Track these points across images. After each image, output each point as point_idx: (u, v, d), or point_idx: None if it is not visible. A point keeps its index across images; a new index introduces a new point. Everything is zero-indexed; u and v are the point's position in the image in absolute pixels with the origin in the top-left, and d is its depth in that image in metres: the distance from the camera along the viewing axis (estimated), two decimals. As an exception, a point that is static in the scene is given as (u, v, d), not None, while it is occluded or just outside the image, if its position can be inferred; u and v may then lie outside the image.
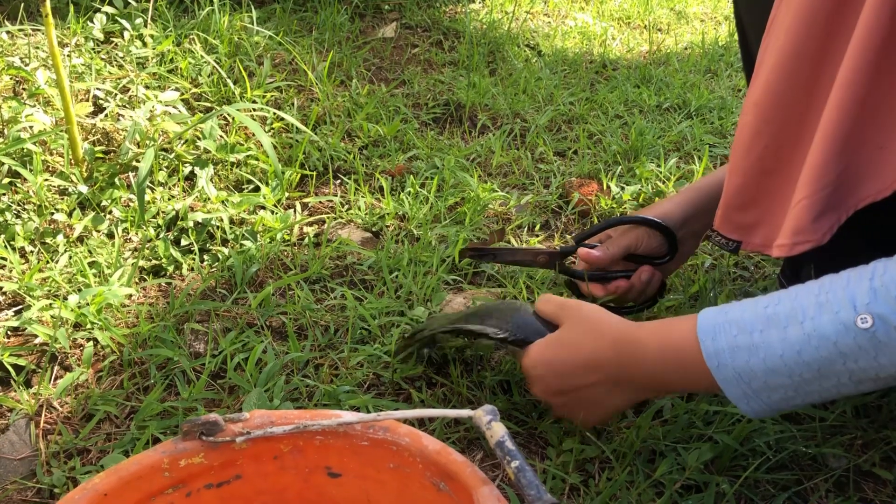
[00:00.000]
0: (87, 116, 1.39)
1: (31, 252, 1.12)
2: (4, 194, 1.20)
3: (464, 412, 0.59)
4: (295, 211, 1.28)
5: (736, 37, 2.20)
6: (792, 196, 0.69)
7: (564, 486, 0.81)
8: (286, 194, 1.32)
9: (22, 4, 1.78)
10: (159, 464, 0.58)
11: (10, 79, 1.45)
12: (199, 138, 1.37)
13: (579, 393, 0.76)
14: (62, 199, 1.23)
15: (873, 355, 0.59)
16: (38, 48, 1.57)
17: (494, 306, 0.87)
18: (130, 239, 1.19)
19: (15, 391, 0.91)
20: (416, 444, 0.59)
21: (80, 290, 1.03)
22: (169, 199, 1.25)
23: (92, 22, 1.65)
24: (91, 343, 0.97)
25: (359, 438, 0.61)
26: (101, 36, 1.64)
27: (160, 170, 1.31)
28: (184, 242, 1.17)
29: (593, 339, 0.74)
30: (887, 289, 0.57)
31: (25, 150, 1.27)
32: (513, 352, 0.86)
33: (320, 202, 1.32)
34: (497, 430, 0.56)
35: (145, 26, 1.68)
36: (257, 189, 1.31)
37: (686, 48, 2.19)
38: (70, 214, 1.20)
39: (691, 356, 0.67)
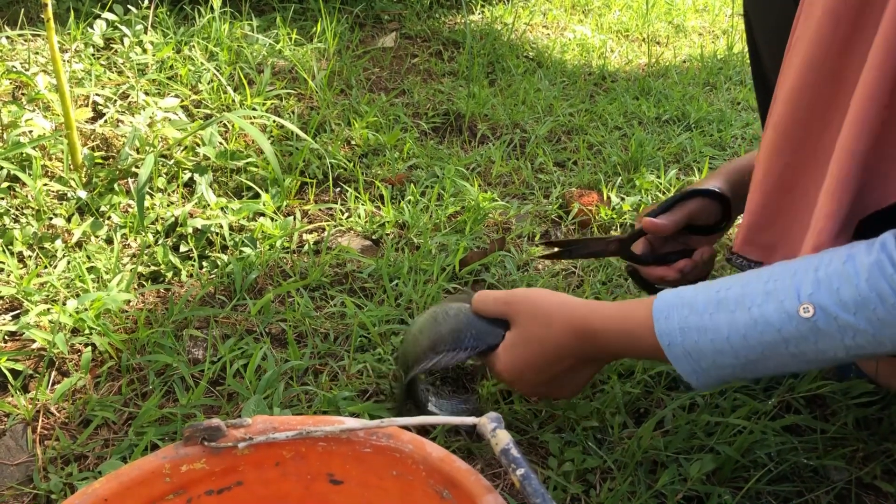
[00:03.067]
0: (86, 122, 1.39)
1: (30, 257, 1.12)
2: (3, 198, 1.20)
3: (468, 420, 0.59)
4: (295, 218, 1.28)
5: (734, 50, 2.21)
6: (811, 214, 0.69)
7: (566, 495, 0.81)
8: (286, 201, 1.31)
9: (22, 10, 1.78)
10: (160, 469, 0.57)
11: (10, 83, 1.44)
12: (198, 145, 1.37)
13: (557, 377, 0.80)
14: (61, 204, 1.22)
15: (813, 342, 0.62)
16: (37, 53, 1.57)
17: (441, 322, 0.86)
18: (129, 245, 1.19)
19: (12, 396, 0.90)
20: (420, 451, 0.59)
21: (78, 296, 1.03)
22: (168, 206, 1.25)
23: (92, 28, 1.65)
24: (89, 348, 0.96)
25: (361, 445, 0.61)
26: (101, 42, 1.64)
27: (159, 176, 1.30)
28: (183, 249, 1.17)
29: (551, 331, 0.77)
30: (830, 280, 0.60)
31: (25, 155, 1.26)
32: (478, 359, 0.87)
33: (320, 210, 1.32)
34: (502, 438, 0.56)
35: (145, 33, 1.68)
36: (257, 196, 1.31)
37: (685, 61, 2.20)
38: (69, 219, 1.19)
39: (647, 335, 0.70)
